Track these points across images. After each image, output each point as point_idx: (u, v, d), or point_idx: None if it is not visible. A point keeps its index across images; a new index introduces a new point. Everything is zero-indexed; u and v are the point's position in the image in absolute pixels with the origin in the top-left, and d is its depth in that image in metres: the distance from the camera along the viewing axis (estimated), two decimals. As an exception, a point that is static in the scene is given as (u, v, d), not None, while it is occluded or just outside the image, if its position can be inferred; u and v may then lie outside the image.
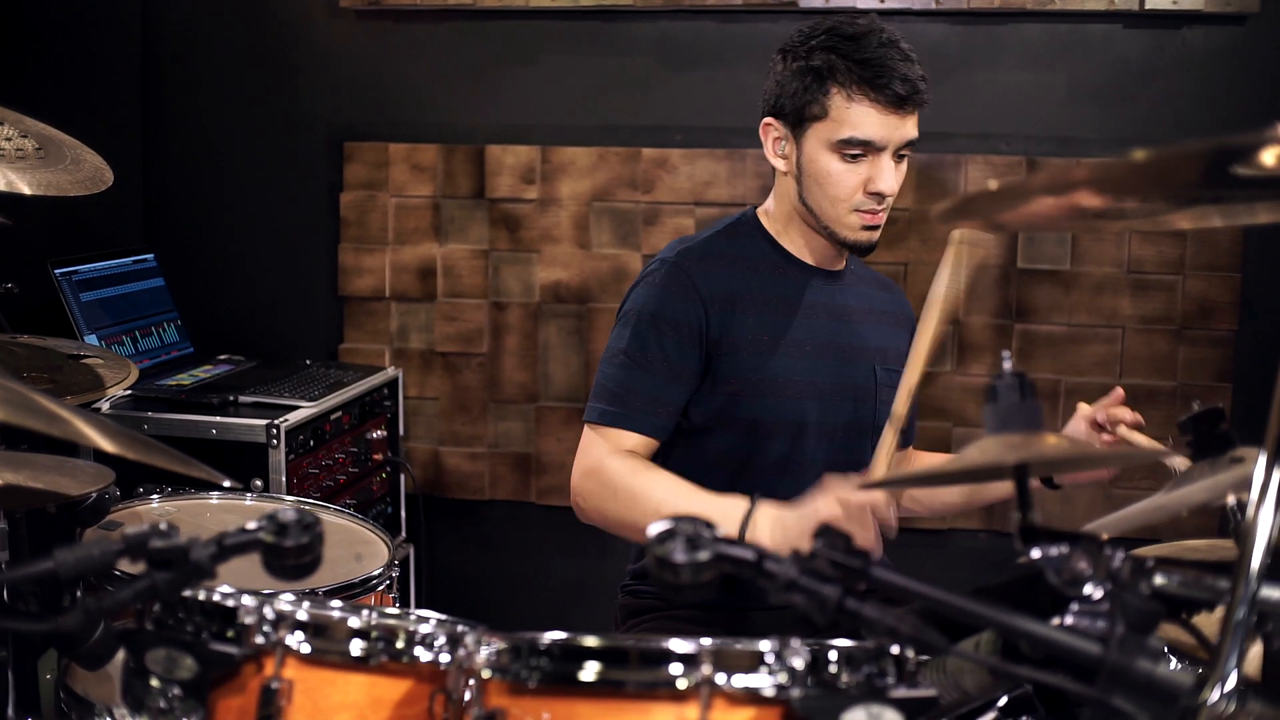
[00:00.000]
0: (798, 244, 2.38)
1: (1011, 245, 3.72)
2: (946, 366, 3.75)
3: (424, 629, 1.45)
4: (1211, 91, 3.64)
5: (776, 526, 2.01)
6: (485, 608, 3.96)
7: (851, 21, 2.25)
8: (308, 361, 3.77)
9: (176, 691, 1.35)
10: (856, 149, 2.20)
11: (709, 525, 1.20)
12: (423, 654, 1.44)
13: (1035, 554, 1.19)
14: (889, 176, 2.22)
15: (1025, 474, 1.22)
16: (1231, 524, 1.48)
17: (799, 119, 2.25)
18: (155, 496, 2.59)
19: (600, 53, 3.86)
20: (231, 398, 3.21)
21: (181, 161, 4.06)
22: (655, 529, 1.20)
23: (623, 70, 3.85)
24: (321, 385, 3.39)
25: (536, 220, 3.90)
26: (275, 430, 3.04)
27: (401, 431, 3.83)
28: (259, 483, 2.99)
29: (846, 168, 2.22)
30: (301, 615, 1.41)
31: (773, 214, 2.40)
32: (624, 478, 2.20)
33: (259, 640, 1.38)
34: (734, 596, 2.29)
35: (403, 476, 3.79)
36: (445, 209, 3.93)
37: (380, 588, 2.39)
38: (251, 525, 1.37)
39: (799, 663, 1.21)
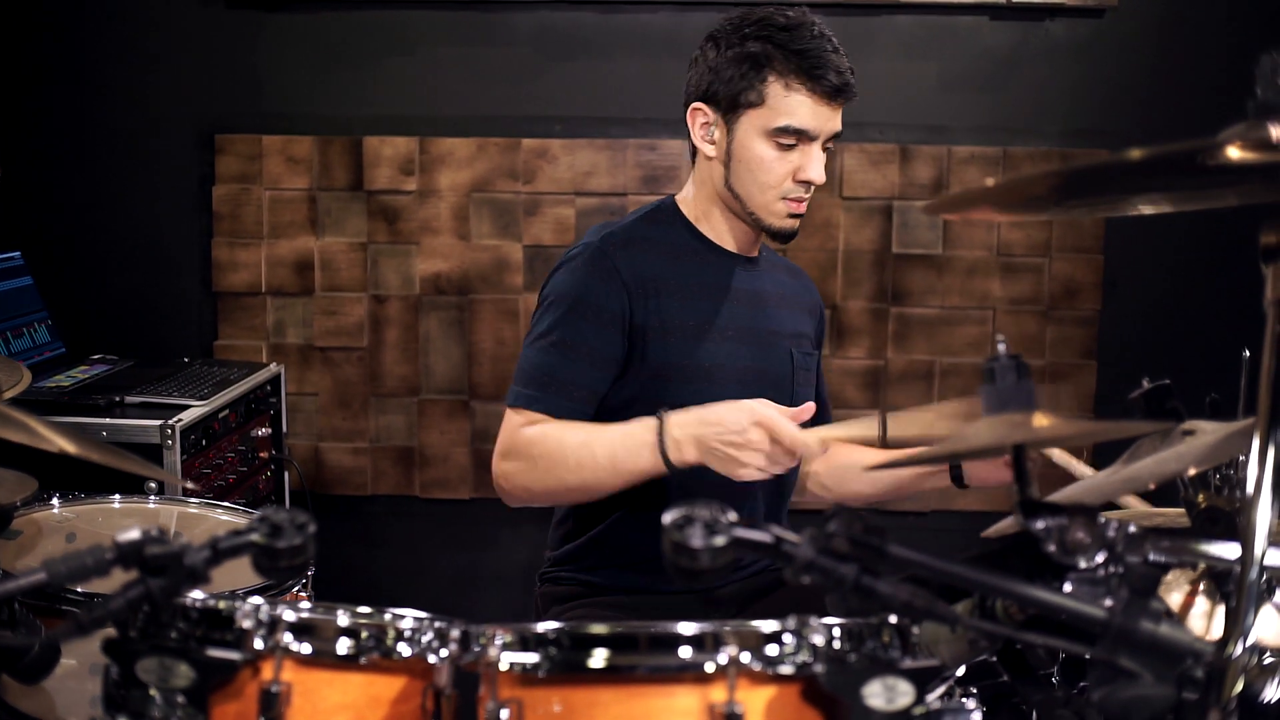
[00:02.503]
0: (718, 230, 2.40)
1: (886, 231, 3.82)
2: (825, 350, 3.83)
3: (414, 626, 1.45)
4: (1073, 81, 3.80)
5: (690, 427, 2.08)
6: (375, 604, 3.92)
7: (782, 12, 2.28)
8: (186, 359, 3.67)
9: (180, 700, 1.32)
10: (790, 138, 2.24)
11: (725, 509, 1.22)
12: (417, 651, 1.44)
13: (1038, 525, 1.24)
14: (819, 166, 2.26)
15: (1023, 452, 1.27)
16: (1181, 493, 1.56)
17: (733, 105, 2.27)
18: (56, 501, 2.51)
19: (479, 42, 3.84)
20: (118, 398, 3.11)
21: (45, 157, 3.90)
22: (671, 515, 1.22)
23: (502, 60, 3.84)
24: (209, 383, 3.31)
25: (415, 212, 3.87)
26: (170, 431, 2.96)
27: (285, 428, 3.77)
28: (153, 485, 2.90)
29: (778, 155, 2.25)
30: (298, 618, 1.39)
31: (692, 200, 2.42)
32: (537, 444, 2.22)
33: (258, 644, 1.36)
34: (658, 579, 2.33)
35: (287, 474, 3.72)
36: (322, 201, 3.87)
37: (295, 587, 2.36)
38: (246, 527, 1.36)
39: (819, 639, 1.25)
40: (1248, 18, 3.76)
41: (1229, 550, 1.22)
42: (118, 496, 2.57)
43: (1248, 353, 1.77)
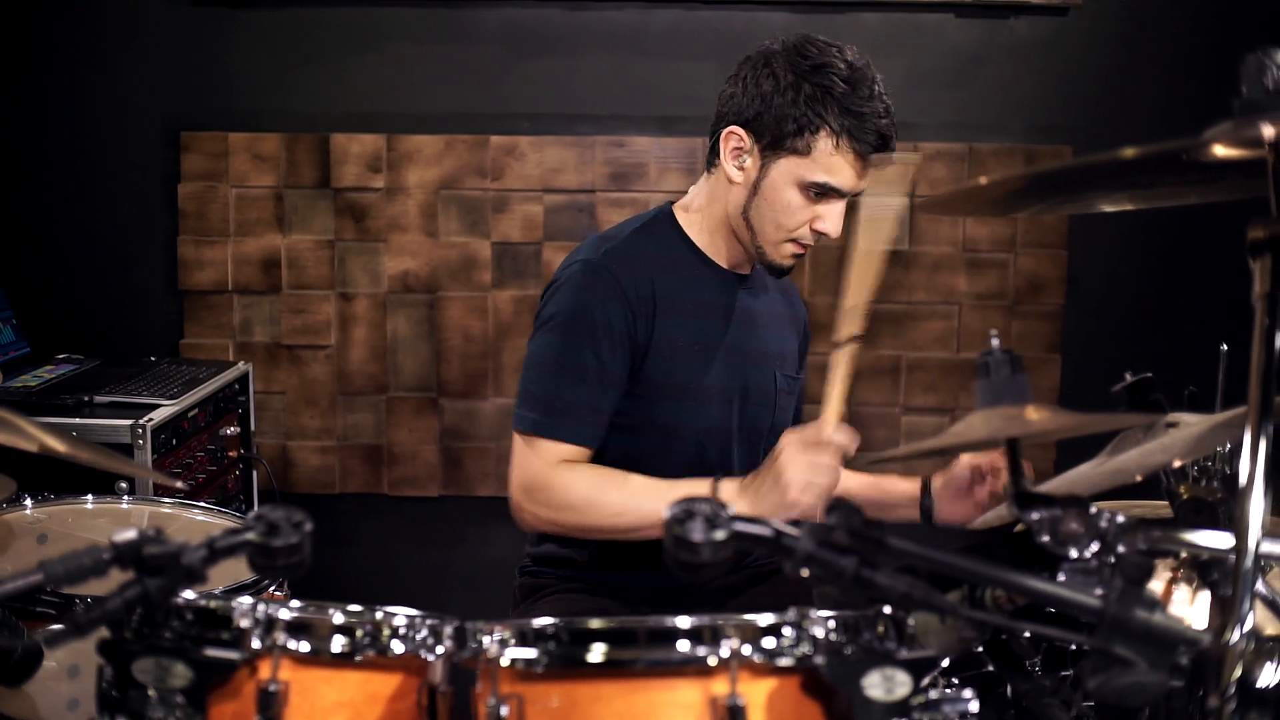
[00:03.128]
0: (716, 247, 2.37)
1: (851, 227, 3.84)
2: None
3: (408, 624, 1.45)
4: (1038, 78, 3.84)
5: (747, 500, 2.07)
6: (345, 602, 3.91)
7: (843, 57, 2.20)
8: (152, 358, 3.65)
9: (179, 700, 1.32)
10: (821, 192, 2.23)
11: (724, 505, 1.23)
12: (412, 649, 1.44)
13: (1032, 516, 1.26)
14: (838, 221, 2.24)
15: (1017, 445, 1.29)
16: (1164, 485, 1.59)
17: (776, 144, 2.21)
18: (28, 503, 2.49)
19: (446, 39, 3.84)
20: (86, 398, 3.09)
21: (8, 155, 3.87)
22: (672, 511, 1.23)
23: (470, 58, 3.84)
24: (178, 382, 3.29)
25: (383, 209, 3.86)
26: (141, 430, 2.95)
27: (253, 427, 3.75)
28: (124, 485, 2.89)
29: (804, 204, 2.22)
30: (294, 616, 1.40)
31: (695, 213, 2.38)
32: (576, 489, 2.20)
33: (255, 644, 1.36)
34: (637, 573, 2.34)
35: (255, 473, 3.71)
36: (289, 199, 3.85)
37: (271, 586, 2.36)
38: (242, 525, 1.36)
39: (819, 631, 1.26)
40: (1209, 17, 3.82)
41: (1218, 540, 1.24)
42: (90, 497, 2.54)
43: (1225, 347, 1.81)
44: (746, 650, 1.25)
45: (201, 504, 2.58)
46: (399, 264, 3.88)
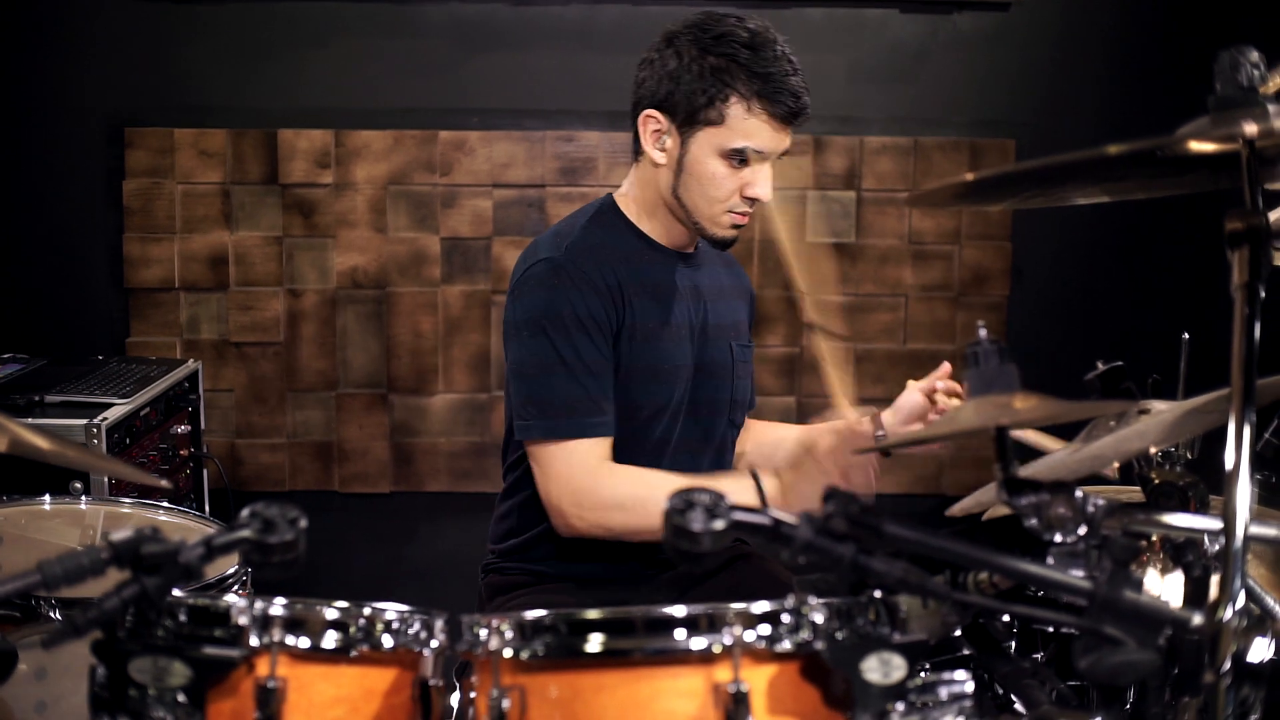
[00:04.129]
0: (659, 230, 2.40)
1: (800, 219, 3.88)
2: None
3: (400, 619, 1.46)
4: (980, 72, 3.90)
5: (790, 496, 2.14)
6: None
7: (744, 25, 2.25)
8: (100, 357, 3.61)
9: (181, 699, 1.32)
10: (744, 157, 2.26)
11: (721, 494, 1.26)
12: (406, 643, 1.45)
13: (1022, 502, 1.30)
14: (767, 184, 2.27)
15: (1005, 432, 1.33)
16: (1135, 471, 1.63)
17: (690, 119, 2.25)
18: (-16, 504, 2.46)
19: (394, 35, 3.83)
20: (38, 398, 3.05)
21: (-53, 152, 3.82)
22: (672, 501, 1.25)
23: (418, 53, 3.84)
24: (129, 381, 3.26)
25: (332, 205, 3.85)
26: (96, 430, 2.92)
27: (203, 425, 3.72)
28: (79, 485, 2.86)
29: (729, 173, 2.25)
30: (291, 613, 1.40)
31: (633, 199, 2.41)
32: (623, 488, 2.22)
33: (254, 641, 1.36)
34: (602, 566, 2.36)
35: (205, 471, 3.68)
36: (236, 195, 3.83)
37: (235, 585, 2.36)
38: (238, 522, 1.36)
39: (819, 617, 1.29)
40: (1147, 11, 3.91)
41: (1203, 522, 1.28)
42: (48, 497, 2.52)
43: (1187, 335, 1.86)
44: (749, 637, 1.27)
45: (165, 504, 2.57)
46: (348, 260, 3.87)
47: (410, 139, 3.84)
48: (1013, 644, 1.77)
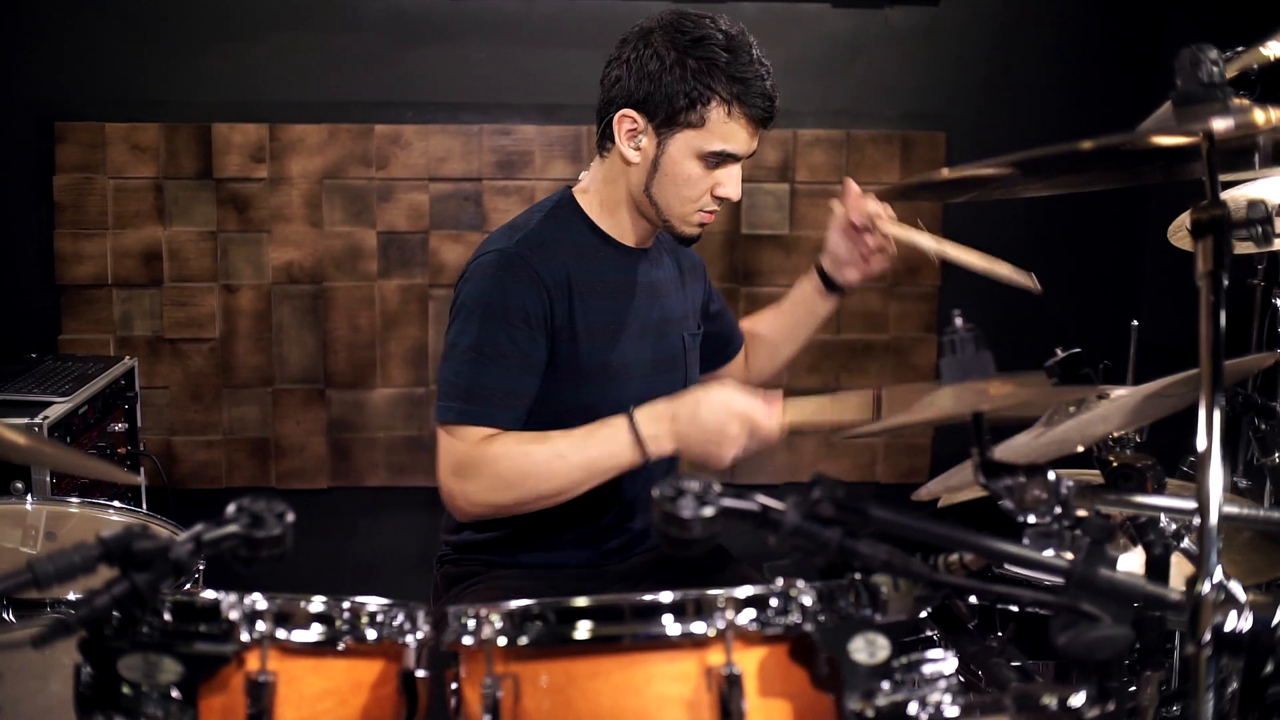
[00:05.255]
0: (618, 227, 2.41)
1: (735, 213, 3.93)
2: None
3: (384, 611, 1.48)
4: (911, 66, 3.97)
5: (666, 424, 2.14)
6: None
7: (719, 27, 2.27)
8: (33, 355, 3.56)
9: (174, 695, 1.33)
10: (720, 159, 2.29)
11: (713, 482, 1.29)
12: (391, 635, 1.47)
13: (999, 485, 1.35)
14: (737, 184, 2.31)
15: (982, 417, 1.37)
16: (1094, 454, 1.68)
17: (670, 121, 2.26)
18: (-71, 505, 2.43)
19: (329, 27, 3.81)
20: (-26, 397, 3.02)
21: None
22: (661, 489, 1.28)
23: (353, 45, 3.82)
24: (67, 379, 3.22)
25: (267, 199, 3.82)
26: (38, 429, 2.88)
27: (140, 423, 3.68)
28: (20, 485, 2.82)
29: (703, 173, 2.28)
30: (279, 607, 1.41)
31: (595, 196, 2.41)
32: (503, 460, 2.20)
33: (245, 636, 1.37)
34: (557, 554, 2.38)
35: (142, 469, 3.64)
36: (169, 190, 3.79)
37: (187, 584, 2.35)
38: (226, 517, 1.37)
39: (808, 600, 1.33)
40: (1075, 6, 4.00)
41: (1178, 501, 1.34)
42: (-11, 499, 2.49)
43: (1136, 323, 1.92)
44: (742, 620, 1.31)
45: (114, 504, 2.55)
46: (283, 255, 3.85)
47: (346, 133, 3.82)
48: (975, 624, 1.81)
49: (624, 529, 2.45)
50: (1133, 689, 1.50)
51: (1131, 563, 1.80)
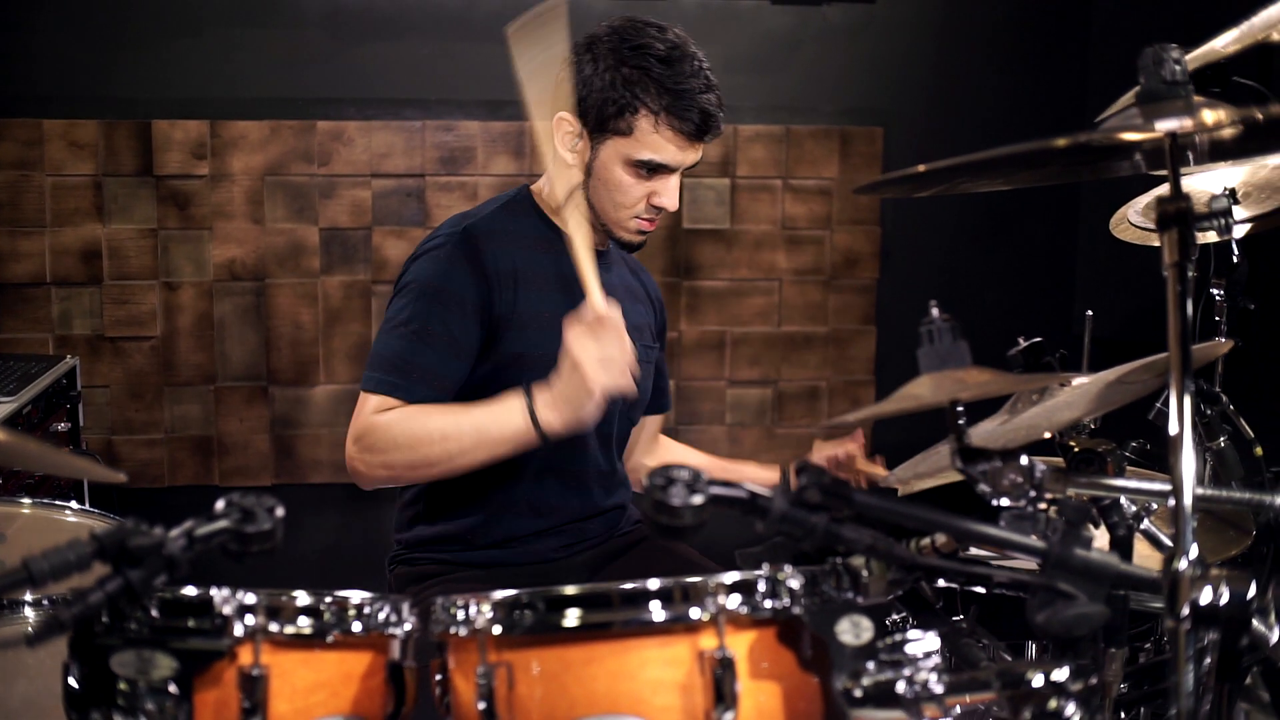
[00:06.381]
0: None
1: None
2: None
3: (369, 604, 1.49)
4: (848, 63, 4.03)
5: (557, 403, 2.14)
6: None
7: (663, 37, 2.27)
8: (-29, 355, 3.52)
9: (170, 690, 1.34)
10: (650, 168, 2.31)
11: (702, 471, 1.32)
12: (379, 627, 1.49)
13: (976, 470, 1.39)
14: (673, 195, 2.33)
15: (957, 405, 1.42)
16: (1056, 440, 1.74)
17: (600, 126, 2.28)
18: (-114, 508, 2.39)
19: (269, 24, 3.80)
20: (-84, 398, 2.97)
21: None
22: (652, 478, 1.31)
23: (294, 41, 3.81)
24: (11, 379, 3.19)
25: (208, 196, 3.80)
26: (-13, 428, 2.85)
27: (82, 422, 3.65)
28: (-32, 486, 2.80)
29: (635, 181, 2.30)
30: (269, 601, 1.43)
31: (548, 195, 2.46)
32: (397, 425, 2.22)
33: (238, 630, 1.39)
34: (511, 552, 2.41)
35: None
36: (108, 188, 3.76)
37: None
38: (218, 512, 1.38)
39: (795, 584, 1.36)
40: (1008, 4, 4.08)
41: (1151, 483, 1.39)
42: (-52, 500, 2.46)
43: (1090, 312, 1.98)
44: (732, 604, 1.34)
45: (70, 505, 2.52)
46: (225, 252, 3.83)
47: (288, 129, 3.81)
48: (940, 605, 1.86)
49: (578, 526, 2.47)
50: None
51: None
